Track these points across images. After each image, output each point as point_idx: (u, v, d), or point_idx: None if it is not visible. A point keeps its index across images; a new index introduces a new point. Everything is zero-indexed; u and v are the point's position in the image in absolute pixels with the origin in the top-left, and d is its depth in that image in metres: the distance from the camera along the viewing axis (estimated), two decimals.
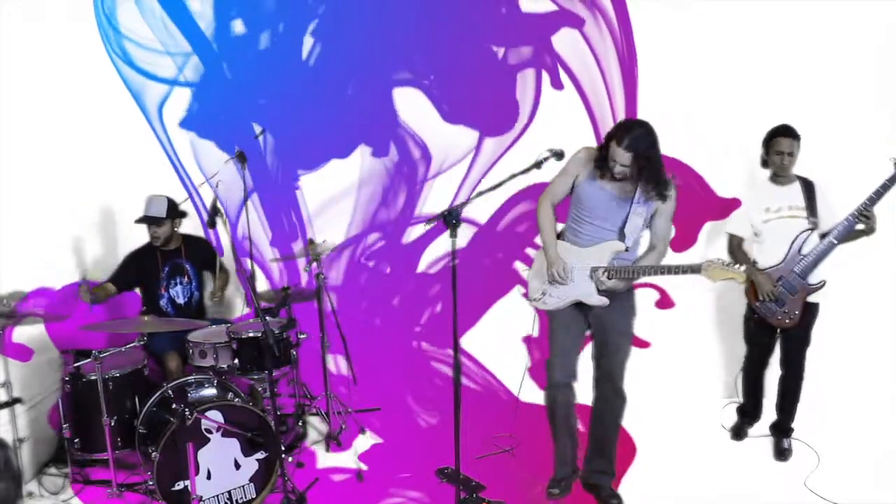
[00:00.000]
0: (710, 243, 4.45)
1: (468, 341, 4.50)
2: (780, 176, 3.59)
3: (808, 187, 3.55)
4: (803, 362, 3.66)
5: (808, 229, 3.49)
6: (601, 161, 3.00)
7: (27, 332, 3.64)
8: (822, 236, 3.47)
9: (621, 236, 3.09)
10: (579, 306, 3.21)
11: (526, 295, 3.43)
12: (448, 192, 4.60)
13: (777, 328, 3.64)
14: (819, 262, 3.46)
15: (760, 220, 3.60)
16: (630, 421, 3.41)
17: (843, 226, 3.38)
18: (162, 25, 4.33)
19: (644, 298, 4.36)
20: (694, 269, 2.98)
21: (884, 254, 4.10)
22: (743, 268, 2.92)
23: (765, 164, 3.65)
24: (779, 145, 3.53)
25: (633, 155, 2.88)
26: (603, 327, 3.20)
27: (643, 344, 3.84)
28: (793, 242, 3.50)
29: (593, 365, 3.27)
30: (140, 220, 3.94)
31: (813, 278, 3.50)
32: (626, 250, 3.10)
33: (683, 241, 4.46)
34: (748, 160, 3.92)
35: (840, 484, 3.35)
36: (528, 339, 4.36)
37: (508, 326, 4.41)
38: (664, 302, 4.27)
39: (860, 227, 3.38)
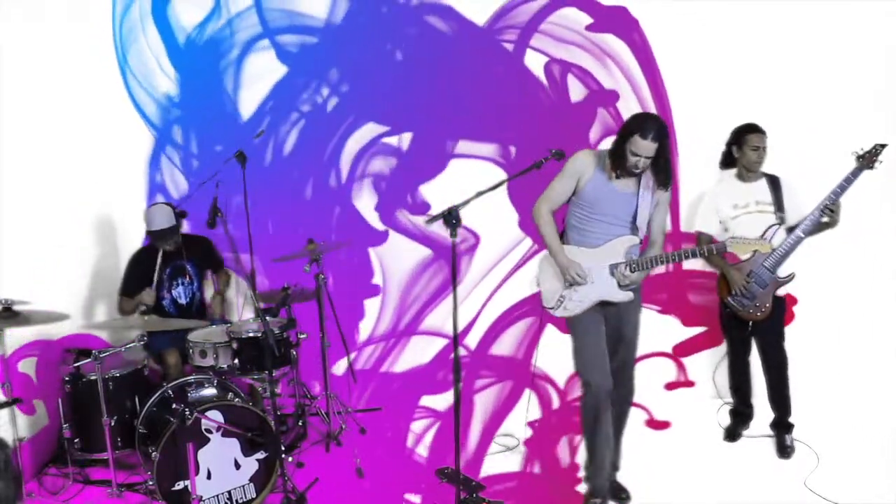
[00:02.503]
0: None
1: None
2: (749, 172, 3.68)
3: (774, 183, 3.66)
4: (784, 356, 3.70)
5: (775, 224, 3.57)
6: (618, 159, 3.00)
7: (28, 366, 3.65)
8: (790, 230, 3.55)
9: (633, 229, 3.13)
10: (599, 305, 3.18)
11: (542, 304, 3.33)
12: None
13: (748, 322, 3.68)
14: (788, 256, 3.53)
15: (730, 216, 3.70)
16: (630, 422, 3.41)
17: (809, 220, 3.46)
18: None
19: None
20: (720, 249, 3.11)
21: (883, 252, 4.10)
22: (765, 241, 3.10)
23: (728, 161, 3.75)
24: (755, 141, 3.63)
25: (658, 145, 2.92)
26: (618, 320, 3.21)
27: (662, 425, 3.74)
28: (761, 237, 3.52)
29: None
30: (152, 236, 3.89)
31: (782, 272, 3.58)
32: (640, 243, 3.15)
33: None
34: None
35: (840, 484, 3.35)
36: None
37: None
38: (655, 423, 3.95)
39: (825, 219, 3.46)
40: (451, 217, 2.76)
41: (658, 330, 4.41)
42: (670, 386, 3.91)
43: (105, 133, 4.22)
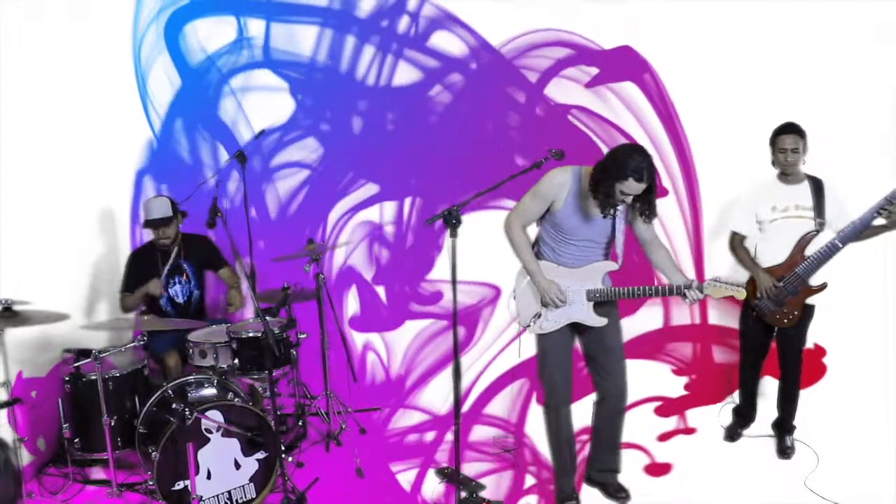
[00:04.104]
0: (713, 240, 4.46)
1: None
2: (787, 174, 3.55)
3: (818, 187, 3.51)
4: (800, 361, 3.67)
5: (813, 231, 3.46)
6: (606, 198, 2.86)
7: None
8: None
9: (607, 252, 3.11)
10: (572, 324, 3.17)
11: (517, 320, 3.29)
12: None
13: (774, 327, 3.64)
14: (822, 265, 3.42)
15: (767, 219, 3.57)
16: (631, 421, 3.41)
17: (848, 229, 3.33)
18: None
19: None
20: (697, 290, 3.01)
21: (883, 255, 4.10)
22: (742, 286, 2.96)
23: (774, 163, 3.60)
24: (782, 143, 3.50)
25: (646, 186, 2.85)
26: (597, 335, 3.18)
27: (664, 469, 3.57)
28: (797, 243, 3.48)
29: (593, 368, 3.27)
30: (148, 225, 3.91)
31: (815, 280, 3.49)
32: (618, 269, 3.11)
33: None
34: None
35: (840, 484, 3.35)
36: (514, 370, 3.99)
37: None
38: (654, 470, 3.63)
39: (880, 222, 3.31)
40: (451, 217, 2.76)
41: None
42: (664, 437, 3.79)
43: (106, 134, 4.21)
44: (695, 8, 4.24)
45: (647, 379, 4.26)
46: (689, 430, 3.85)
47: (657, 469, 3.61)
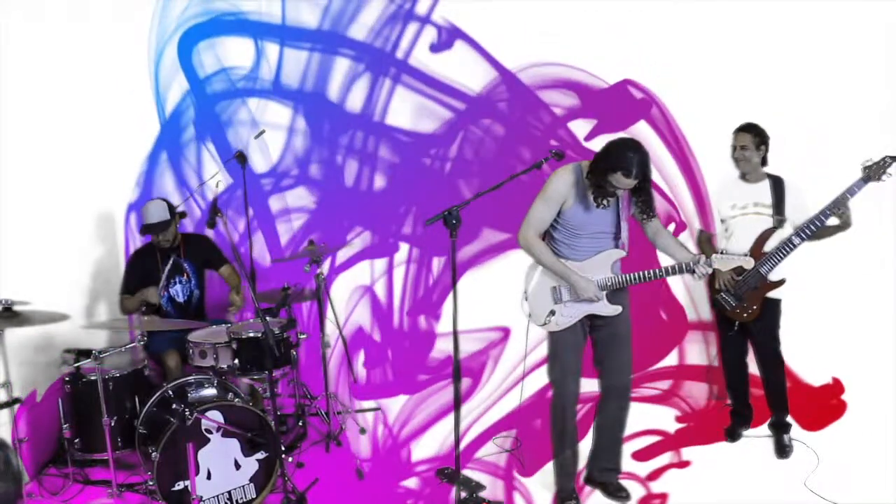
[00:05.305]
0: None
1: None
2: (747, 173, 3.64)
3: (777, 185, 3.59)
4: (778, 358, 3.68)
5: (772, 227, 3.53)
6: (598, 189, 2.95)
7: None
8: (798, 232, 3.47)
9: (616, 240, 3.12)
10: (584, 321, 3.19)
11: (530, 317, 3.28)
12: None
13: (735, 322, 3.66)
14: (781, 260, 3.48)
15: (728, 216, 3.67)
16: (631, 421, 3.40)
17: (805, 226, 3.40)
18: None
19: None
20: (707, 264, 3.01)
21: (882, 253, 4.10)
22: (749, 256, 3.03)
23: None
24: (733, 139, 3.61)
25: (637, 181, 2.89)
26: (609, 329, 3.19)
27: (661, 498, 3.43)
28: (756, 239, 3.53)
29: (599, 361, 3.26)
30: (144, 231, 3.92)
31: (774, 275, 3.53)
32: (626, 255, 3.13)
33: None
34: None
35: (840, 484, 3.35)
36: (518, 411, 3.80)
37: None
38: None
39: (834, 222, 3.39)
40: (451, 217, 2.77)
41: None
42: (654, 475, 3.76)
43: (108, 136, 4.22)
44: (696, 33, 4.23)
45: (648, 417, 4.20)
46: (684, 464, 3.79)
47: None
